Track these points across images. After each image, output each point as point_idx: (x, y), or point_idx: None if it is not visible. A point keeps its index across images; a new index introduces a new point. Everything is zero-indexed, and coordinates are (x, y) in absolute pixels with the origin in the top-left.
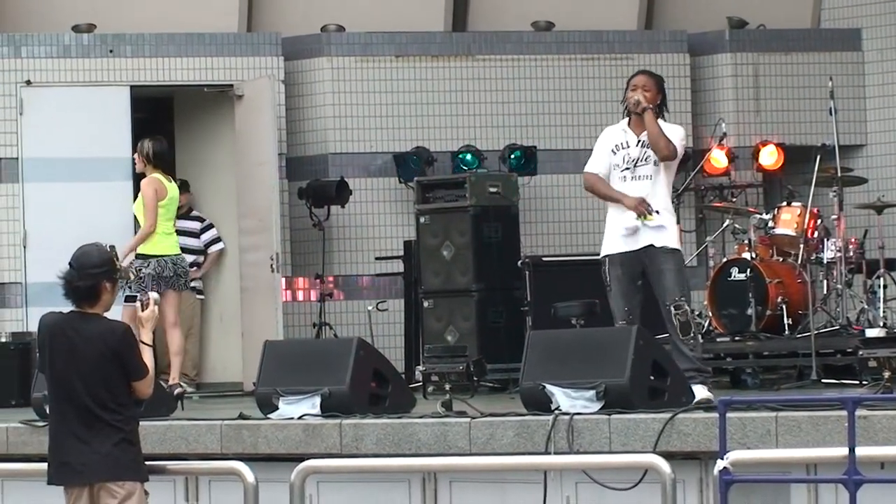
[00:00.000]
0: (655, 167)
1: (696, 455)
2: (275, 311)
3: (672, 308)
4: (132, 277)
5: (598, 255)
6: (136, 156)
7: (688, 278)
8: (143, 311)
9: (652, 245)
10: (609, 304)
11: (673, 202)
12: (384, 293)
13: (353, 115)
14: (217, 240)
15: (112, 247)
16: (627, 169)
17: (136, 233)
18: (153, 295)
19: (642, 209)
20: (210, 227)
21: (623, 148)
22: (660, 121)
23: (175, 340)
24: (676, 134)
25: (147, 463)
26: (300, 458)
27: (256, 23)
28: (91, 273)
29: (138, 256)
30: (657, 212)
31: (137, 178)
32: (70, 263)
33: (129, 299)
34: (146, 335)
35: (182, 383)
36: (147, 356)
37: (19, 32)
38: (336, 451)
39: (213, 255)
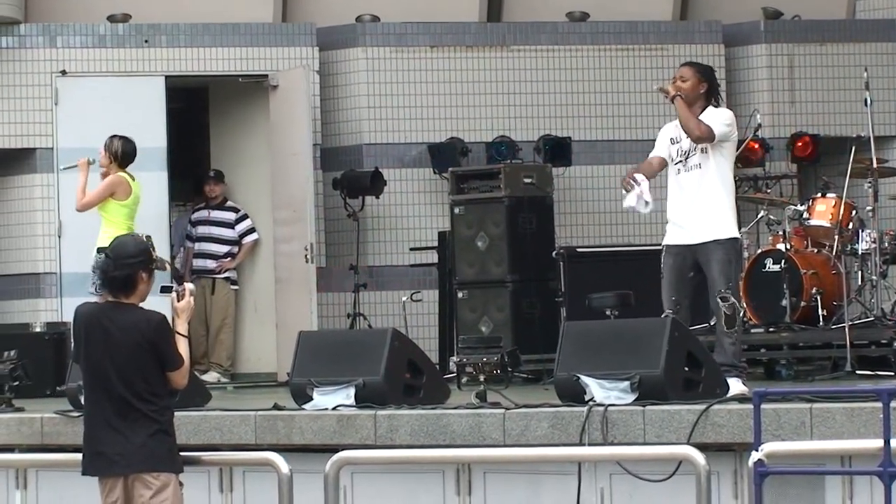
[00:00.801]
0: (704, 155)
1: (731, 447)
2: (309, 302)
3: (719, 300)
4: (167, 268)
5: (633, 246)
6: (101, 151)
7: (737, 269)
8: (178, 301)
9: (703, 240)
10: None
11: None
12: (418, 284)
13: (388, 105)
14: (251, 230)
15: (148, 237)
16: (680, 161)
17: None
18: (189, 286)
19: (624, 183)
20: (244, 217)
21: (676, 142)
22: (709, 108)
23: None
24: (718, 117)
25: (181, 454)
26: (334, 449)
27: (291, 13)
28: (127, 263)
29: (101, 251)
30: (636, 183)
31: (173, 168)
32: (106, 253)
33: (165, 290)
34: (182, 326)
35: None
36: (182, 347)
37: (55, 22)
38: (370, 442)
39: (248, 246)
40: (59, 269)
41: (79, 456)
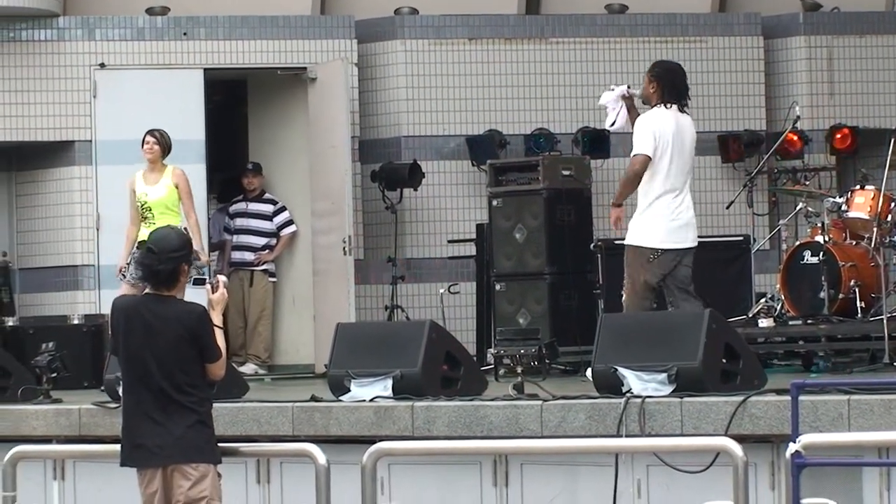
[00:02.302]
0: None
1: (768, 438)
2: (347, 294)
3: None
4: (204, 261)
5: None
6: (152, 144)
7: (626, 271)
8: (213, 293)
9: None
10: None
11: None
12: (456, 276)
13: (426, 97)
14: (290, 222)
15: (186, 230)
16: None
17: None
18: (222, 277)
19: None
20: (283, 209)
21: None
22: (651, 111)
23: None
24: (634, 133)
25: (219, 445)
26: (372, 441)
27: (330, 5)
28: (172, 257)
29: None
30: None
31: (211, 161)
32: (149, 247)
33: (199, 282)
34: (217, 317)
35: None
36: (219, 338)
37: (93, 15)
38: (408, 434)
39: (286, 238)
40: (98, 262)
41: (117, 447)
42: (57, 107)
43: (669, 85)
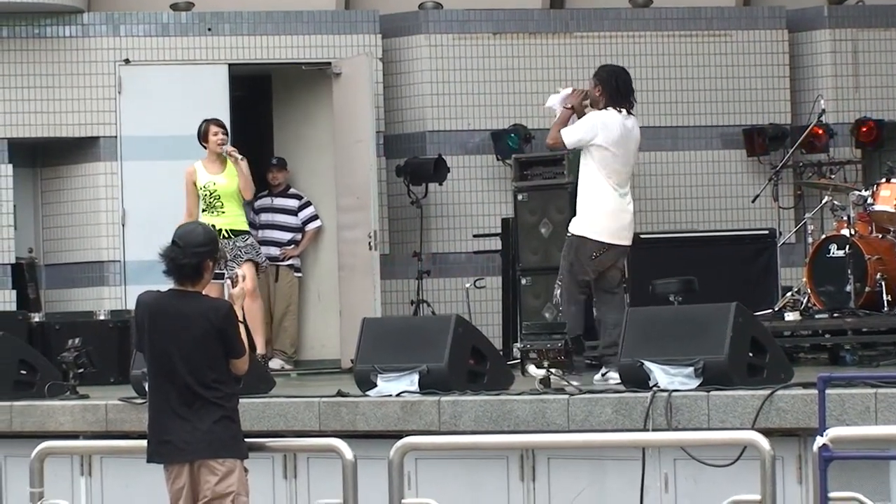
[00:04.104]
0: (583, 151)
1: (795, 432)
2: (373, 289)
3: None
4: (228, 257)
5: (696, 232)
6: (222, 135)
7: (566, 259)
8: (233, 287)
9: None
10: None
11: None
12: (482, 271)
13: (451, 92)
14: (314, 217)
15: (213, 225)
16: None
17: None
18: (239, 271)
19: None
20: (308, 204)
21: None
22: (602, 111)
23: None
24: (578, 124)
25: (246, 440)
26: (398, 436)
27: (354, 0)
28: (197, 252)
29: (233, 234)
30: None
31: None
32: (175, 241)
33: (216, 276)
34: (238, 312)
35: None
36: (242, 333)
37: (118, 11)
38: (434, 429)
39: (311, 233)
40: (123, 257)
41: (143, 443)
42: (82, 103)
43: (613, 88)
